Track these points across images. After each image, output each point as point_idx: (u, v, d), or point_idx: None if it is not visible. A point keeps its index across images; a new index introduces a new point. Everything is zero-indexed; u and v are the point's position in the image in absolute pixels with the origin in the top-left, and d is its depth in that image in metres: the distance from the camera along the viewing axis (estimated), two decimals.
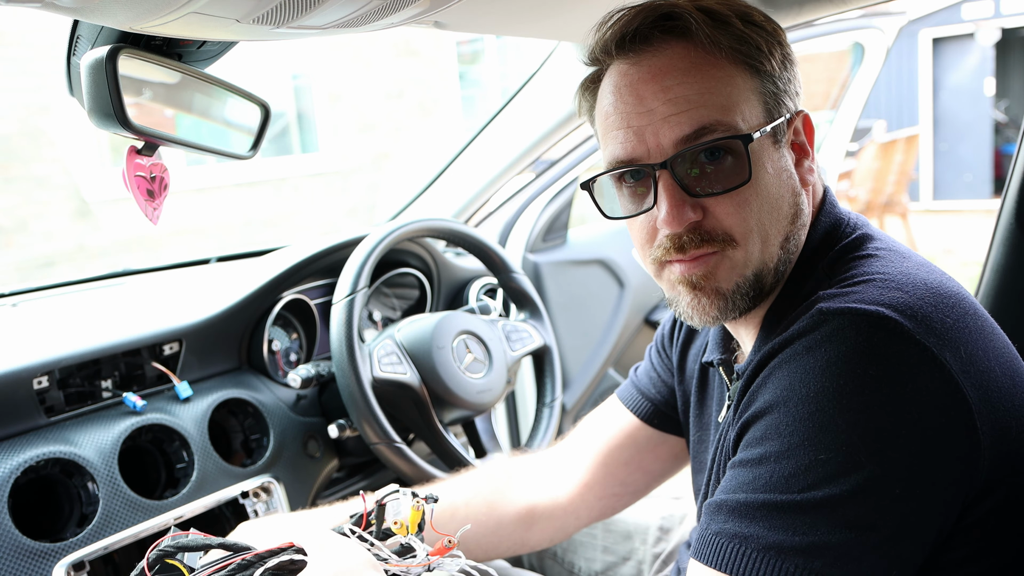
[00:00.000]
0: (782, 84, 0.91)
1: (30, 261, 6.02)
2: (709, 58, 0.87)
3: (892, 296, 0.79)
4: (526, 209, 2.31)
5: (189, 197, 6.83)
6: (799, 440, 0.76)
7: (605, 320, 2.46)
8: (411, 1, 0.91)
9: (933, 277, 0.84)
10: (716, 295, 0.90)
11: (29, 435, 1.31)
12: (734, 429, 0.86)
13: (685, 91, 0.87)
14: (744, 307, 0.91)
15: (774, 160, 0.90)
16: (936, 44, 11.10)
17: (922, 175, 11.18)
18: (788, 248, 0.91)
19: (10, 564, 1.18)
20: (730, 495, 0.81)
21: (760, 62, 0.89)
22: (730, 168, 0.87)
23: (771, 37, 0.91)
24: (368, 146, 8.18)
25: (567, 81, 1.91)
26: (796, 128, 0.94)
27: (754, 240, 0.88)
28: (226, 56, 1.10)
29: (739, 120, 0.87)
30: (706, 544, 0.81)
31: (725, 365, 1.03)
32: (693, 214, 0.87)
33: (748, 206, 0.87)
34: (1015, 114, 11.20)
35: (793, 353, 0.79)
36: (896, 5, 2.47)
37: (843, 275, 0.86)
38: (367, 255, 1.57)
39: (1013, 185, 1.32)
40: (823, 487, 0.74)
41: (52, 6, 0.74)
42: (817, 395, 0.76)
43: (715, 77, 0.87)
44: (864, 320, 0.76)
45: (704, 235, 0.88)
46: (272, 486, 1.51)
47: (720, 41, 0.87)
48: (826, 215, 0.96)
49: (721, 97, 0.87)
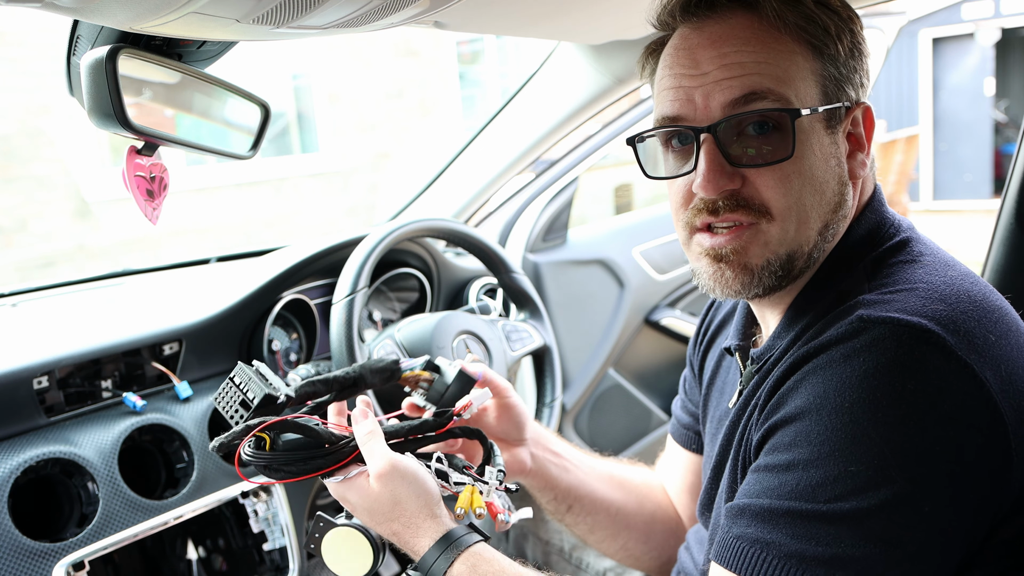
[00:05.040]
0: (845, 71, 0.89)
1: (30, 261, 6.02)
2: (772, 31, 0.86)
3: (935, 308, 0.77)
4: (526, 209, 2.31)
5: (189, 197, 6.83)
6: (830, 449, 0.74)
7: (605, 320, 2.46)
8: (411, 1, 0.91)
9: (977, 289, 0.82)
10: (743, 270, 0.88)
11: (29, 435, 1.31)
12: (758, 431, 0.84)
13: (741, 58, 0.85)
14: (769, 285, 0.89)
15: (823, 144, 0.88)
16: (936, 44, 11.11)
17: (922, 175, 11.19)
18: (826, 236, 0.89)
19: (10, 564, 1.18)
20: (754, 499, 0.80)
21: (825, 44, 0.87)
22: (775, 141, 0.85)
23: (842, 23, 0.88)
24: (368, 146, 8.18)
25: (567, 81, 1.91)
26: (855, 119, 0.91)
27: (791, 218, 0.86)
28: (226, 56, 1.10)
29: (792, 95, 0.85)
30: (727, 547, 0.80)
31: (742, 351, 1.02)
32: (730, 182, 0.86)
33: (789, 182, 0.85)
34: (1015, 114, 11.20)
35: (829, 360, 0.77)
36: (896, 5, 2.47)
37: (884, 280, 0.84)
38: (367, 255, 1.57)
39: (1013, 185, 1.32)
40: (851, 499, 0.73)
41: (52, 6, 0.74)
42: (852, 406, 0.74)
43: (775, 50, 0.86)
44: (906, 332, 0.75)
45: (740, 201, 0.86)
46: (272, 486, 1.50)
47: (787, 16, 0.85)
48: (872, 212, 0.93)
49: (777, 69, 0.85)
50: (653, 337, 2.51)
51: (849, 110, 0.90)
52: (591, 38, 1.68)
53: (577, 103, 1.92)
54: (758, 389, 0.91)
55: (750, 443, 0.89)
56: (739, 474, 0.92)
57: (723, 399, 1.09)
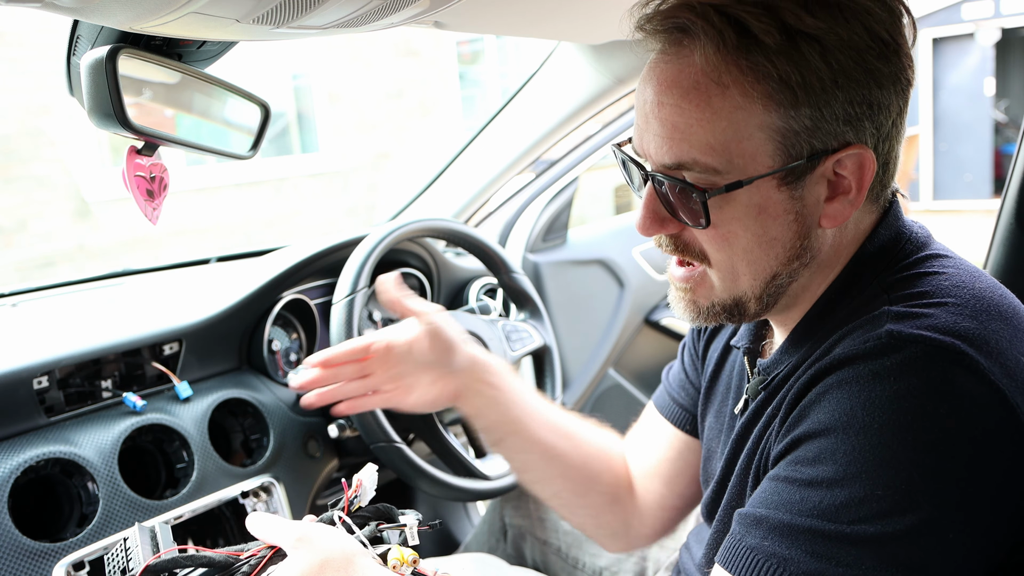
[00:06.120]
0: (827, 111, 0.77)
1: (30, 261, 6.02)
2: (721, 83, 0.77)
3: (966, 326, 0.75)
4: (526, 209, 2.31)
5: (189, 197, 6.83)
6: (857, 471, 0.72)
7: (605, 320, 2.46)
8: (411, 1, 0.91)
9: (1006, 303, 0.80)
10: (692, 305, 0.90)
11: (29, 435, 1.31)
12: (779, 443, 0.82)
13: (676, 117, 0.79)
14: (722, 322, 0.91)
15: (772, 202, 0.81)
16: (936, 44, 11.11)
17: (922, 175, 11.19)
18: (778, 283, 0.86)
19: (10, 564, 1.18)
20: (771, 511, 0.78)
21: (792, 91, 0.76)
22: (697, 209, 0.82)
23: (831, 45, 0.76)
24: (368, 146, 8.19)
25: (567, 81, 1.91)
26: (841, 161, 0.80)
27: (727, 272, 0.86)
28: (226, 56, 1.10)
29: (721, 163, 0.79)
30: (739, 557, 0.79)
31: (750, 354, 1.01)
32: (663, 228, 0.87)
33: (725, 241, 0.84)
34: (1015, 114, 11.20)
35: (856, 375, 0.75)
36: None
37: (909, 291, 0.81)
38: (367, 255, 1.57)
39: (1013, 185, 1.32)
40: (875, 522, 0.71)
41: (52, 6, 0.74)
42: (882, 427, 0.72)
43: (714, 109, 0.77)
44: (939, 354, 0.73)
45: (679, 246, 0.88)
46: (272, 486, 1.51)
47: (737, 67, 0.76)
48: (887, 227, 0.87)
49: (711, 135, 0.78)
50: (653, 337, 2.51)
51: (829, 154, 0.79)
52: (591, 38, 1.68)
53: (577, 103, 1.92)
54: (768, 404, 0.90)
55: (767, 454, 0.87)
56: (750, 483, 0.91)
57: (727, 400, 1.07)
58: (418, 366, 1.20)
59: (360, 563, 0.83)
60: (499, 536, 1.60)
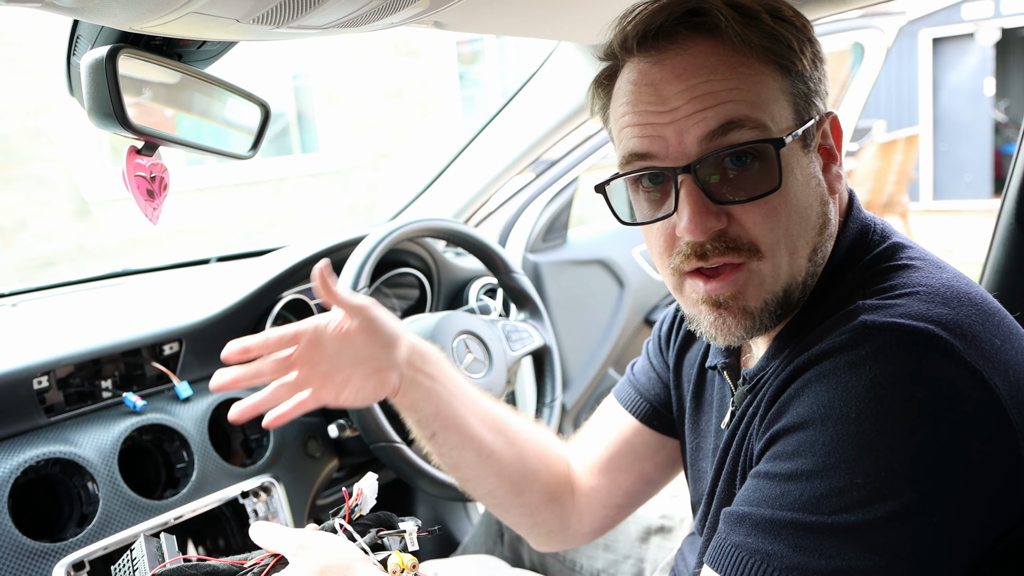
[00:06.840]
0: (812, 84, 0.85)
1: (30, 261, 6.02)
2: (738, 56, 0.81)
3: (939, 312, 0.74)
4: (526, 209, 2.31)
5: (189, 197, 6.84)
6: (835, 461, 0.72)
7: (605, 320, 2.46)
8: (411, 1, 0.91)
9: (975, 291, 0.80)
10: (743, 314, 0.84)
11: (29, 435, 1.31)
12: (760, 440, 0.82)
13: (712, 87, 0.80)
14: (771, 324, 0.86)
15: (803, 166, 0.84)
16: (936, 44, 11.11)
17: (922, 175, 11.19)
18: (816, 260, 0.86)
19: (10, 564, 1.18)
20: (754, 508, 0.78)
21: (792, 61, 0.83)
22: (758, 173, 0.81)
23: (801, 34, 0.85)
24: (368, 146, 8.19)
25: (567, 81, 1.91)
26: (824, 131, 0.88)
27: (782, 252, 0.83)
28: (226, 56, 1.10)
29: (768, 120, 0.81)
30: (724, 555, 0.78)
31: (730, 370, 0.99)
32: (717, 222, 0.82)
33: (777, 215, 0.81)
34: (1015, 114, 11.20)
35: (833, 367, 0.74)
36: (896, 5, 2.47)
37: (881, 285, 0.81)
38: (367, 255, 1.57)
39: (1013, 185, 1.32)
40: (856, 511, 0.71)
41: (52, 6, 0.74)
42: (859, 416, 0.71)
43: (744, 75, 0.81)
44: (913, 338, 0.72)
45: (728, 243, 0.82)
46: (272, 486, 1.51)
47: (750, 39, 0.81)
48: (853, 221, 0.90)
49: (751, 94, 0.81)
50: None
51: (819, 123, 0.87)
52: (591, 38, 1.68)
53: (577, 103, 1.92)
54: (750, 406, 0.89)
55: (750, 454, 0.87)
56: (737, 483, 0.91)
57: (713, 417, 1.05)
58: (353, 360, 1.08)
59: (360, 569, 0.83)
60: (496, 538, 1.60)
